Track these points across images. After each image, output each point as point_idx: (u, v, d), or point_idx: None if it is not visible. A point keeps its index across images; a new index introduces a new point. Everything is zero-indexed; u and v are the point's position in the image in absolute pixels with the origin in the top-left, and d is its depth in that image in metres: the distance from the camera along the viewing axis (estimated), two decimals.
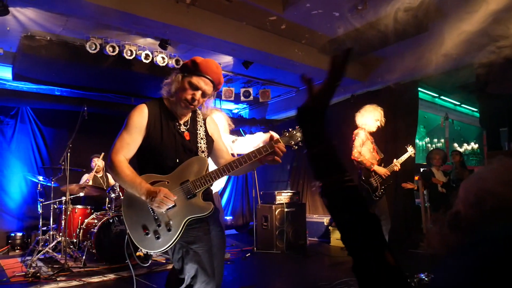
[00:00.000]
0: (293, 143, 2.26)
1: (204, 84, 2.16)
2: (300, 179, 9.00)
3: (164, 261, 5.52)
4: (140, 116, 2.17)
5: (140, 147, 2.19)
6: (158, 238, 2.07)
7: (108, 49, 5.87)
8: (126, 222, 2.13)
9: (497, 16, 4.54)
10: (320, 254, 6.45)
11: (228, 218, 9.94)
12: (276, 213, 6.67)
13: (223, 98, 8.24)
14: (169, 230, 2.06)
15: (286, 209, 6.77)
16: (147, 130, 2.17)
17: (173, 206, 2.08)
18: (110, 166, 2.13)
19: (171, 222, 2.07)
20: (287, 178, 9.42)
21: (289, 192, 7.21)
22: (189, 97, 2.16)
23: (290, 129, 2.27)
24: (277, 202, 6.84)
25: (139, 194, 2.03)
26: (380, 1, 4.91)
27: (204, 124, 2.37)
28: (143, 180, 2.07)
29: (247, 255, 6.23)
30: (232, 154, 3.05)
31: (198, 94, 2.17)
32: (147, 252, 2.18)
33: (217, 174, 2.15)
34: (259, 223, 6.88)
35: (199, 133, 2.30)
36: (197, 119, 2.35)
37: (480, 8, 4.59)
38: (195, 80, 2.15)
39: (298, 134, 2.26)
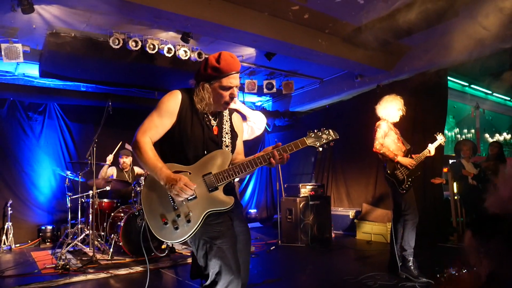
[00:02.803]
0: (318, 144, 2.24)
1: (235, 80, 2.16)
2: (324, 172, 8.88)
3: (189, 254, 5.55)
4: (174, 101, 2.15)
5: (167, 133, 2.17)
6: (176, 228, 2.03)
7: (131, 44, 5.90)
8: (145, 210, 2.10)
9: None
10: (346, 247, 6.35)
11: (252, 211, 9.94)
12: (301, 206, 6.60)
13: (246, 90, 8.19)
14: (188, 221, 2.03)
15: (310, 202, 6.69)
16: (178, 117, 2.15)
17: (194, 198, 2.05)
18: (135, 145, 2.10)
19: (190, 213, 2.04)
20: (312, 171, 9.32)
21: (313, 184, 7.12)
22: (227, 98, 2.17)
23: (315, 130, 2.25)
24: (302, 195, 6.76)
25: (159, 179, 2.00)
26: None
27: (230, 119, 2.35)
28: (165, 165, 2.04)
29: (271, 248, 6.20)
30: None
31: (235, 91, 2.18)
32: (167, 244, 2.16)
33: (240, 170, 2.12)
34: (284, 216, 6.83)
35: (225, 128, 2.27)
36: (223, 113, 2.32)
37: None
38: (226, 82, 2.13)
39: (324, 136, 2.24)
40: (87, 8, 5.05)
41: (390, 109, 4.42)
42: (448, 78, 6.93)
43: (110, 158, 6.66)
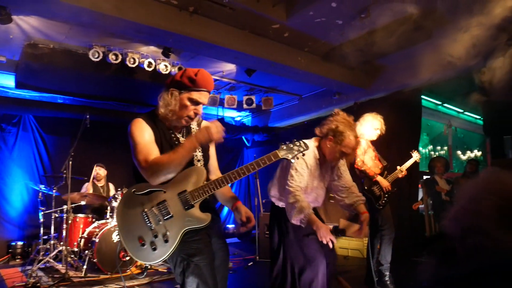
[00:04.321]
0: (290, 156, 2.27)
1: (205, 98, 2.18)
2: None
3: (166, 270, 5.46)
4: (142, 126, 2.14)
5: None
6: (154, 249, 2.01)
7: (111, 57, 5.87)
8: (121, 231, 2.08)
9: (502, 23, 4.52)
10: None
11: (230, 226, 9.88)
12: None
13: (225, 105, 8.23)
14: (166, 241, 2.01)
15: None
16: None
17: (170, 216, 2.05)
18: (152, 170, 2.02)
19: (168, 233, 2.02)
20: None
21: None
22: (191, 113, 2.16)
23: (287, 142, 2.29)
24: None
25: (196, 143, 2.02)
26: (384, 10, 4.90)
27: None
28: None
29: (249, 264, 6.17)
30: None
31: (200, 108, 2.18)
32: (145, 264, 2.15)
33: (215, 185, 2.11)
34: (262, 231, 6.82)
35: None
36: (191, 126, 2.34)
37: (484, 14, 4.57)
38: (196, 96, 2.14)
39: (295, 148, 2.27)
40: (66, 20, 5.01)
41: (368, 127, 4.51)
42: (422, 97, 7.16)
43: (86, 186, 6.59)
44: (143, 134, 2.11)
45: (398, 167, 4.55)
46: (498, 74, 4.62)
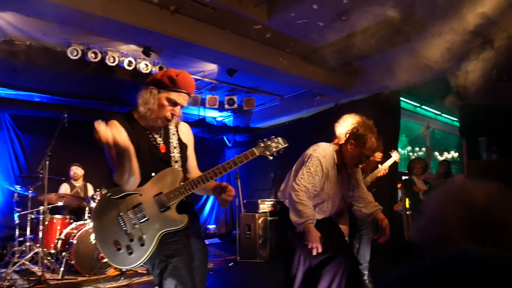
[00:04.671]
0: (268, 153, 2.23)
1: (183, 99, 2.15)
2: None
3: (145, 272, 5.40)
4: (117, 129, 2.09)
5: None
6: (130, 253, 1.99)
7: (90, 55, 5.78)
8: (97, 236, 2.06)
9: (476, 27, 4.64)
10: None
11: (211, 226, 9.85)
12: (260, 221, 6.63)
13: (207, 106, 8.19)
14: (142, 244, 2.00)
15: (269, 218, 6.74)
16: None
17: (147, 220, 2.03)
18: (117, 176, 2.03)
19: (144, 236, 2.00)
20: (271, 186, 9.39)
21: (272, 200, 7.18)
22: (168, 114, 2.13)
23: (265, 139, 2.26)
24: (261, 210, 6.81)
25: (120, 145, 1.94)
26: (364, 12, 4.96)
27: (177, 131, 2.32)
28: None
29: (230, 265, 6.16)
30: None
31: (178, 109, 2.15)
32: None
33: (191, 186, 2.09)
34: (243, 231, 6.82)
35: (172, 142, 2.25)
36: (169, 127, 2.30)
37: (459, 19, 4.68)
38: (175, 96, 2.11)
39: (273, 144, 2.24)
40: (44, 16, 4.91)
41: (348, 128, 4.55)
42: (401, 99, 7.29)
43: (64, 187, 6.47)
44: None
45: (380, 166, 4.62)
46: (472, 78, 4.74)
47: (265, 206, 6.91)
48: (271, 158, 2.26)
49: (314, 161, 2.74)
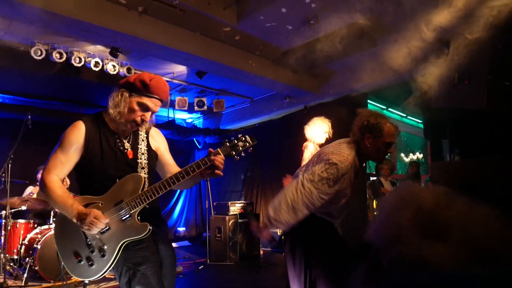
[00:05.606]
0: (234, 153, 2.12)
1: (155, 105, 2.08)
2: (254, 189, 9.02)
3: (113, 277, 5.30)
4: (76, 134, 2.04)
5: (79, 166, 2.07)
6: (91, 265, 1.95)
7: (55, 55, 5.63)
8: (58, 249, 2.00)
9: (442, 32, 4.82)
10: (274, 264, 6.47)
11: (181, 229, 9.77)
12: (230, 224, 6.63)
13: (176, 107, 8.13)
14: (103, 255, 1.95)
15: (239, 220, 6.75)
16: (85, 148, 2.05)
17: (108, 229, 1.97)
18: (41, 186, 2.00)
19: (105, 247, 1.95)
20: (241, 188, 9.41)
21: (243, 202, 7.20)
22: (138, 118, 2.06)
23: (232, 138, 2.15)
24: (231, 213, 6.81)
25: (71, 216, 1.91)
26: (332, 17, 5.06)
27: (147, 137, 2.25)
28: (76, 201, 1.95)
29: (200, 268, 6.14)
30: None
31: (148, 115, 2.09)
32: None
33: (153, 193, 2.02)
34: (213, 234, 6.81)
35: (140, 148, 2.18)
36: (139, 132, 2.22)
37: (424, 24, 4.84)
38: (146, 101, 2.04)
39: (240, 144, 2.14)
40: (6, 15, 4.75)
41: (317, 131, 4.64)
42: (368, 101, 7.46)
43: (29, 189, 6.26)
44: (69, 145, 2.04)
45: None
46: (435, 81, 4.91)
47: (235, 208, 6.92)
48: (237, 158, 2.15)
49: (332, 168, 2.43)
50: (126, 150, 2.14)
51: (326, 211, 2.62)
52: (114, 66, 6.13)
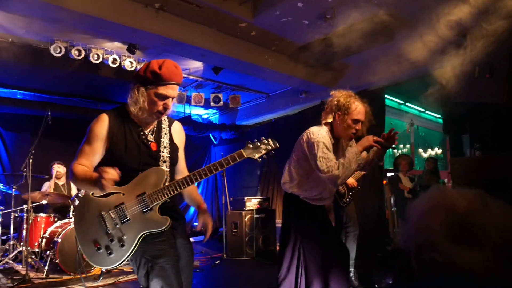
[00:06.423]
0: (256, 156, 2.16)
1: (173, 90, 2.08)
2: (270, 185, 9.01)
3: (131, 270, 5.38)
4: (100, 126, 2.07)
5: (104, 158, 2.10)
6: (110, 253, 1.97)
7: (74, 52, 5.72)
8: (78, 236, 2.03)
9: (461, 26, 4.72)
10: None
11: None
12: (246, 219, 6.65)
13: (192, 103, 8.18)
14: (122, 245, 1.97)
15: (256, 215, 6.76)
16: (109, 141, 2.08)
17: (128, 220, 2.00)
18: (69, 175, 2.04)
19: (124, 237, 1.97)
20: (257, 184, 9.42)
21: (259, 198, 7.21)
22: (161, 108, 2.07)
23: (255, 141, 2.18)
24: (247, 208, 6.82)
25: (93, 185, 1.91)
26: (349, 11, 5.00)
27: (169, 131, 2.27)
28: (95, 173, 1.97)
29: (216, 262, 6.18)
30: None
31: (169, 102, 2.09)
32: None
33: (175, 187, 2.05)
34: (229, 229, 6.84)
35: (163, 141, 2.20)
36: (162, 125, 2.25)
37: (443, 17, 4.75)
38: (163, 90, 2.04)
39: (263, 147, 2.16)
40: (27, 14, 4.84)
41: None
42: (386, 96, 7.36)
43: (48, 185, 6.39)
44: (94, 138, 2.07)
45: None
46: (455, 75, 4.82)
47: (252, 203, 6.93)
48: (259, 160, 2.18)
49: (320, 145, 2.69)
50: (149, 143, 2.16)
51: (319, 197, 2.89)
52: (131, 63, 6.19)
